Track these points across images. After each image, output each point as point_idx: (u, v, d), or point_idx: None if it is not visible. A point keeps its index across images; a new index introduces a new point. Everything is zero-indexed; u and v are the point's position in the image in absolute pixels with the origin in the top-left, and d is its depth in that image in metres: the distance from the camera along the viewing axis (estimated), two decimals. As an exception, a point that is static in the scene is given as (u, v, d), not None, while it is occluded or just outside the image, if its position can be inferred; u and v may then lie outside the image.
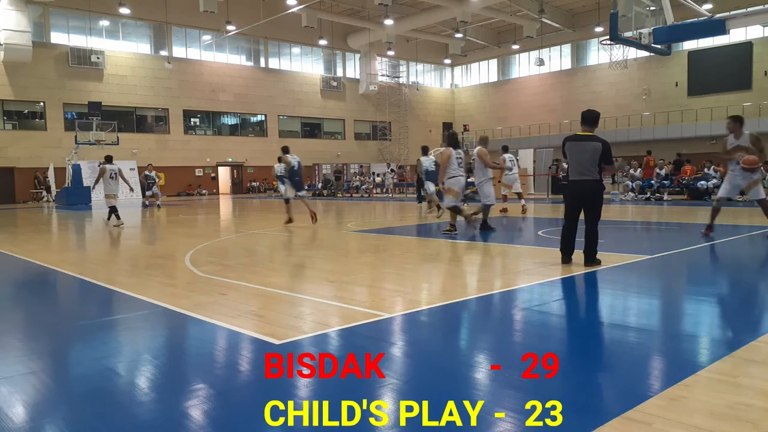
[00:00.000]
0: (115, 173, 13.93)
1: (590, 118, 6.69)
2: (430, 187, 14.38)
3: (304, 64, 41.70)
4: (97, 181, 14.55)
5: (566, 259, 6.68)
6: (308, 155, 40.60)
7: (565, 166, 8.35)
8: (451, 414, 2.67)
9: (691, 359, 3.46)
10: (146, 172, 23.15)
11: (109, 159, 14.32)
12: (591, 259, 6.57)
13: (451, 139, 9.20)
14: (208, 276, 6.52)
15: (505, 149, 14.13)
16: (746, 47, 32.33)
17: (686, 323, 4.37)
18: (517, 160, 17.88)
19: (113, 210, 13.74)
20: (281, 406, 2.81)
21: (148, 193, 22.83)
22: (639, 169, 22.55)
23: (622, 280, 5.93)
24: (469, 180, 12.06)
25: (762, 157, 8.76)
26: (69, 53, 31.73)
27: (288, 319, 4.57)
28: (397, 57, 44.59)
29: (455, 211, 10.16)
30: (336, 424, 2.61)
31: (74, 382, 3.37)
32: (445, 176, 9.87)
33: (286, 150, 13.22)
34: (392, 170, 35.48)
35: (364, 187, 32.98)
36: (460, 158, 10.00)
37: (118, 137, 29.14)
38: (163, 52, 35.53)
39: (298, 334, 4.07)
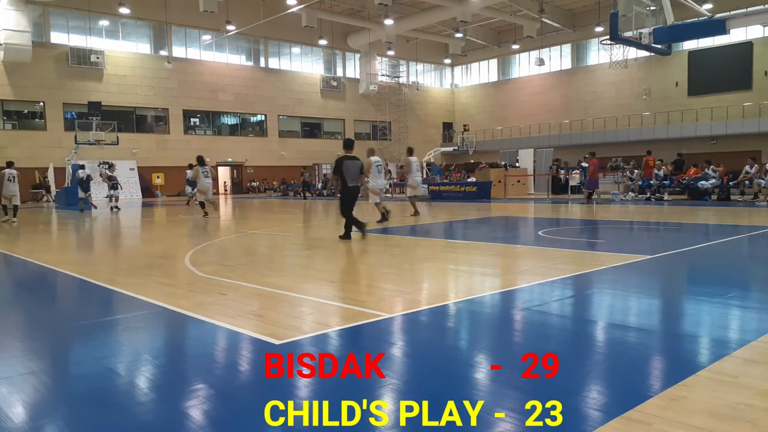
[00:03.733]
0: (14, 177, 15.75)
1: (351, 143, 9.92)
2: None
3: (304, 64, 41.69)
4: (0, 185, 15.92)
5: (348, 236, 9.54)
6: (308, 155, 40.64)
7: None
8: (451, 414, 2.67)
9: (691, 359, 3.46)
10: (188, 171, 24.20)
11: (9, 164, 16.44)
12: (348, 235, 9.60)
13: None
14: (208, 276, 6.52)
15: (410, 152, 15.06)
16: (746, 47, 32.33)
17: (686, 323, 4.37)
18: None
19: (4, 208, 15.70)
20: (281, 406, 2.81)
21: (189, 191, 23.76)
22: (636, 171, 22.55)
23: (622, 280, 5.92)
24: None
25: None
26: (69, 53, 31.73)
27: (288, 319, 4.57)
28: (397, 57, 44.59)
29: (377, 205, 12.52)
30: (336, 424, 2.61)
31: (74, 382, 3.37)
32: (371, 180, 11.91)
33: (201, 161, 16.10)
34: (389, 171, 35.46)
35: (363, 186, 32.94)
36: (380, 165, 12.10)
37: (117, 137, 29.13)
38: (163, 52, 35.52)
39: (298, 334, 4.06)
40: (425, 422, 2.60)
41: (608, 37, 13.00)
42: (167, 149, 35.49)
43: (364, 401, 2.85)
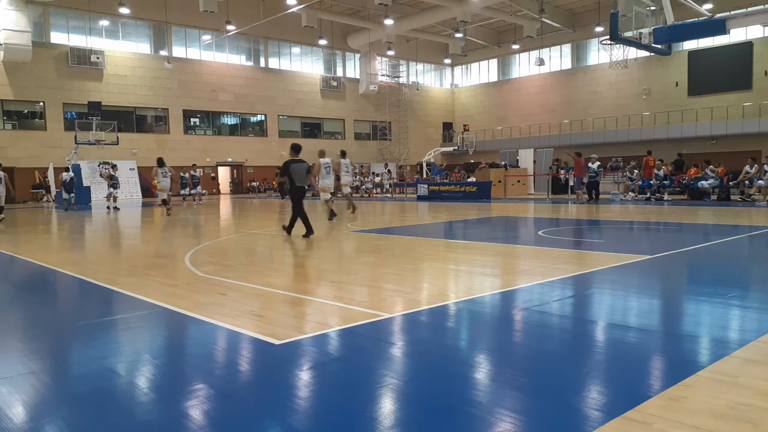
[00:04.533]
0: (0, 178, 15.78)
1: (298, 148, 10.66)
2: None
3: (304, 64, 41.70)
4: None
5: (309, 233, 10.10)
6: (308, 155, 40.44)
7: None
8: (451, 414, 2.67)
9: (691, 359, 3.46)
10: (192, 172, 24.86)
11: None
12: (289, 230, 10.43)
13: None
14: (208, 276, 6.52)
15: (343, 154, 15.97)
16: (746, 47, 32.33)
17: (686, 323, 4.37)
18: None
19: None
20: (281, 407, 2.81)
21: (193, 191, 24.40)
22: (636, 171, 22.55)
23: (622, 280, 5.92)
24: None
25: None
26: (69, 53, 31.73)
27: (288, 319, 4.57)
28: (397, 57, 44.60)
29: (327, 201, 13.87)
30: (336, 424, 2.61)
31: (74, 382, 3.37)
32: (319, 180, 13.39)
33: (159, 162, 18.32)
34: (389, 171, 35.50)
35: (363, 187, 33.00)
36: (328, 166, 13.66)
37: (117, 137, 29.15)
38: (163, 52, 35.52)
39: (298, 334, 4.06)
40: (426, 422, 2.60)
41: (608, 37, 13.01)
42: (167, 149, 35.47)
43: (364, 402, 2.86)
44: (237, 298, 5.36)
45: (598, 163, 22.39)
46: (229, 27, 32.70)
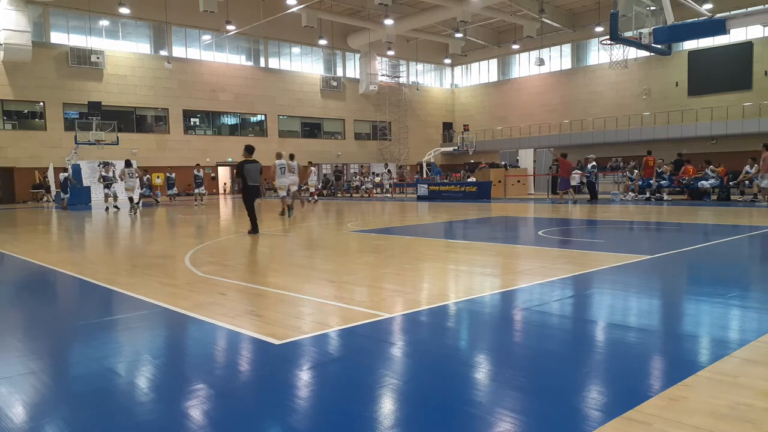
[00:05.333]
0: None
1: (251, 149, 11.22)
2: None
3: (304, 64, 41.69)
4: None
5: (255, 231, 10.89)
6: (308, 155, 40.59)
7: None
8: (451, 414, 2.67)
9: (691, 359, 3.46)
10: (195, 172, 25.56)
11: None
12: (255, 229, 10.98)
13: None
14: (208, 276, 6.52)
15: (278, 156, 16.43)
16: (746, 47, 32.32)
17: (686, 323, 4.37)
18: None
19: None
20: (281, 407, 2.81)
21: (196, 191, 25.15)
22: (636, 171, 22.55)
23: (622, 280, 5.92)
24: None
25: None
26: (69, 53, 31.72)
27: (288, 319, 4.57)
28: (397, 57, 44.58)
29: (283, 199, 15.26)
30: (336, 424, 2.61)
31: (74, 382, 3.37)
32: (276, 179, 15.35)
33: (126, 163, 20.23)
34: (389, 171, 35.50)
35: (363, 187, 33.00)
36: (283, 167, 15.39)
37: (117, 137, 29.13)
38: (163, 52, 35.51)
39: (298, 334, 4.06)
40: (426, 422, 2.60)
41: (608, 37, 13.01)
42: (167, 149, 35.49)
43: (365, 402, 2.86)
44: (237, 298, 5.36)
45: (593, 163, 22.40)
46: (229, 27, 32.68)
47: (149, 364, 3.60)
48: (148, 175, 26.10)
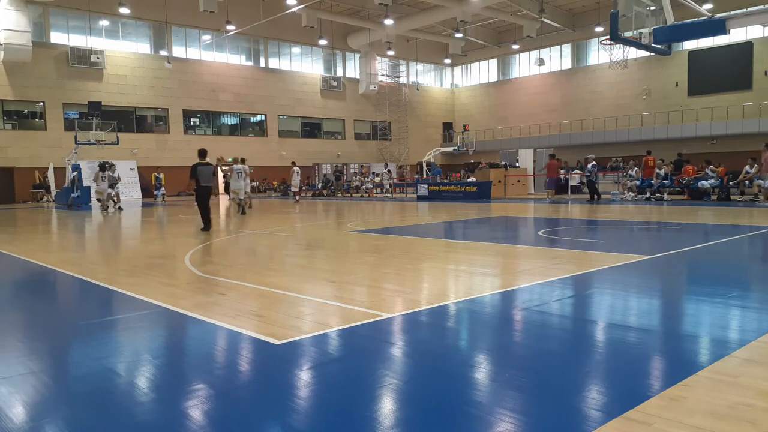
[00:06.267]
0: None
1: (204, 153, 11.97)
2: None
3: (304, 64, 41.68)
4: None
5: (207, 228, 11.68)
6: (308, 155, 40.64)
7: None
8: (451, 414, 2.67)
9: (691, 359, 3.46)
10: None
11: None
12: (207, 227, 11.71)
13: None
14: (208, 276, 6.52)
15: (242, 161, 18.27)
16: (746, 47, 32.32)
17: (686, 323, 4.37)
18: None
19: None
20: (281, 407, 2.81)
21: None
22: (636, 169, 22.55)
23: (622, 280, 5.92)
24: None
25: None
26: (69, 53, 31.71)
27: (288, 319, 4.57)
28: (397, 57, 44.58)
29: (237, 201, 17.14)
30: (336, 424, 2.61)
31: (74, 382, 3.37)
32: (233, 183, 17.17)
33: (101, 166, 21.21)
34: (389, 171, 35.51)
35: (363, 187, 33.00)
36: (240, 171, 17.42)
37: (117, 137, 29.10)
38: (163, 52, 35.51)
39: (298, 334, 4.06)
40: (426, 422, 2.60)
41: (608, 37, 13.01)
42: (167, 149, 35.48)
43: (365, 402, 2.85)
44: (237, 298, 5.36)
45: (593, 162, 22.41)
46: (229, 27, 32.69)
47: (149, 364, 3.60)
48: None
